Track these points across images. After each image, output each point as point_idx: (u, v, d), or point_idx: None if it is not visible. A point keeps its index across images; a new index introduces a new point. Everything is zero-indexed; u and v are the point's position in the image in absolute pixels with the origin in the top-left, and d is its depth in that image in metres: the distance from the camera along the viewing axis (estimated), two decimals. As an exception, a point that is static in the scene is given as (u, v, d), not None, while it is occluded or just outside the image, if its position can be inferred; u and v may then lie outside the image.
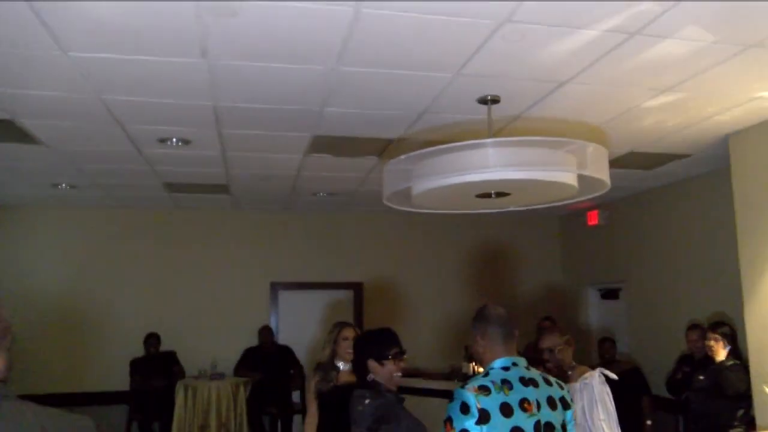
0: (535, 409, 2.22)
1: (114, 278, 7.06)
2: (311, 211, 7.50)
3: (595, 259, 7.49)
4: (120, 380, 6.62)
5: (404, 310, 7.53)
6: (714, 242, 5.50)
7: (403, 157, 3.29)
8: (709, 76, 3.26)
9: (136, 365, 6.63)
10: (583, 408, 2.91)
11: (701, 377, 4.60)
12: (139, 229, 7.23)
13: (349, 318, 7.44)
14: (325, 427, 3.81)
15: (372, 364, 2.82)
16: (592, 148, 3.10)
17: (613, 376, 3.04)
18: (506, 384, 2.23)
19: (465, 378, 5.25)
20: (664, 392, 5.51)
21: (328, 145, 4.54)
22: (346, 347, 3.88)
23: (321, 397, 3.79)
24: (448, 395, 2.94)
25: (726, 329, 4.48)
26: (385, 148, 4.59)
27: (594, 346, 7.30)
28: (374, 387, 2.81)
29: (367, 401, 2.74)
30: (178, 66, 3.08)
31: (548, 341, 3.30)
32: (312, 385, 3.85)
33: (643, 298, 6.63)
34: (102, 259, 7.09)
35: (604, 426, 2.88)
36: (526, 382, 2.29)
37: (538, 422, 2.22)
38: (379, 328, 3.01)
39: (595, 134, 4.02)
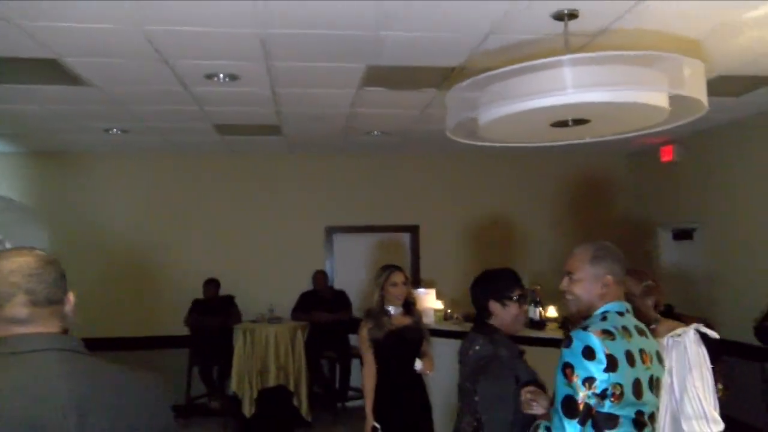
0: (650, 362, 1.97)
1: (171, 225, 7.05)
2: (365, 153, 7.25)
3: (668, 198, 7.00)
4: (181, 325, 6.66)
5: (462, 253, 7.28)
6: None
7: (468, 81, 2.97)
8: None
9: (196, 305, 6.66)
10: (671, 370, 2.41)
11: None
12: (194, 175, 7.17)
13: (406, 262, 7.26)
14: (385, 374, 3.66)
15: (494, 305, 2.61)
16: (687, 63, 2.70)
17: (714, 334, 2.49)
18: (626, 331, 1.97)
19: (532, 323, 5.02)
20: (748, 338, 5.14)
21: (383, 76, 4.23)
22: (396, 293, 3.70)
23: (376, 344, 3.63)
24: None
25: None
26: (445, 79, 4.25)
27: (666, 290, 6.92)
28: (489, 332, 2.59)
29: (477, 347, 2.56)
30: (221, -14, 2.83)
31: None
32: (364, 333, 3.68)
33: (721, 239, 6.15)
34: (159, 206, 7.08)
35: (699, 395, 2.35)
36: (640, 331, 2.03)
37: (651, 377, 1.97)
38: (501, 268, 2.75)
39: (691, 49, 3.55)
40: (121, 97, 4.73)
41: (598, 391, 1.85)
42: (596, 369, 1.85)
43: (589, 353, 1.87)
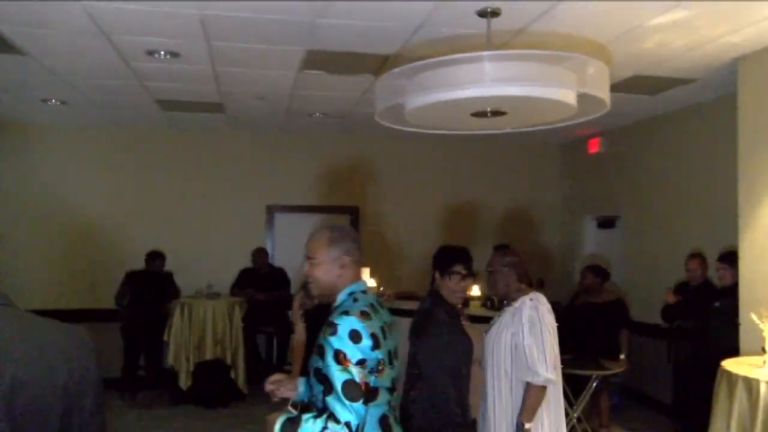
0: (389, 334, 2.12)
1: (111, 199, 7.04)
2: (308, 133, 7.38)
3: (594, 188, 7.42)
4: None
5: (401, 234, 7.52)
6: (718, 173, 5.38)
7: (396, 70, 3.16)
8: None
9: (132, 278, 6.58)
10: (515, 332, 2.90)
11: (717, 304, 4.65)
12: (135, 149, 7.15)
13: (345, 242, 7.44)
14: (312, 343, 3.86)
15: (437, 275, 2.94)
16: (592, 64, 2.97)
17: (545, 303, 2.97)
18: (374, 308, 2.10)
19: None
20: (657, 319, 5.56)
21: (322, 61, 4.38)
22: None
23: (306, 314, 3.84)
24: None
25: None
26: (381, 66, 4.43)
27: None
28: (434, 295, 2.93)
29: (421, 306, 2.96)
30: (160, -33, 2.92)
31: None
32: (296, 302, 3.90)
33: (640, 228, 6.60)
34: (99, 179, 7.04)
35: (527, 351, 2.83)
36: (381, 305, 2.19)
37: (395, 346, 2.14)
38: (456, 246, 3.07)
39: (600, 52, 3.85)
40: (59, 69, 4.72)
41: (369, 369, 1.95)
42: (365, 350, 1.95)
43: (356, 336, 1.95)
